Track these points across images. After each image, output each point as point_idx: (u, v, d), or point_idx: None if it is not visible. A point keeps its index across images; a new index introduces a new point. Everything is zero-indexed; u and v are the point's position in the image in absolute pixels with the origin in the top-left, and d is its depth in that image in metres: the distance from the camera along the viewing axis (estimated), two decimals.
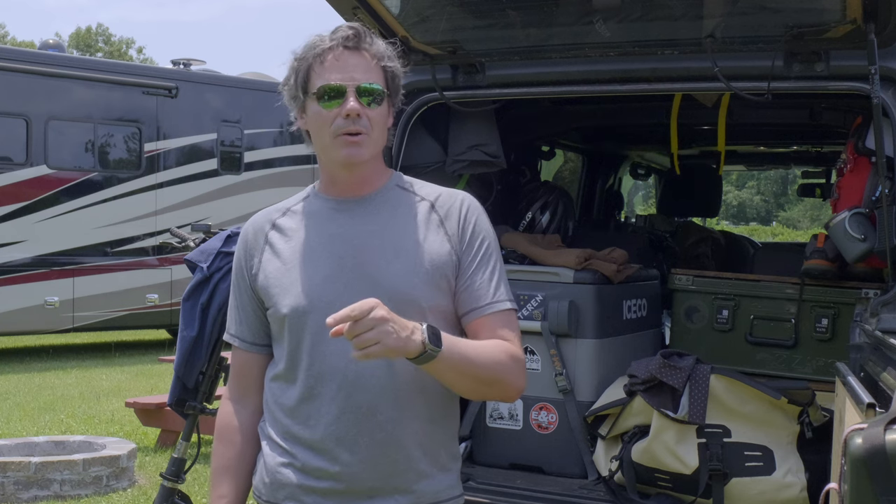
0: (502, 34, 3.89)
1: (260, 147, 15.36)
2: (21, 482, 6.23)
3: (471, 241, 2.26)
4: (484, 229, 2.29)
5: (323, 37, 2.23)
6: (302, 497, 2.22)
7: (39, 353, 13.94)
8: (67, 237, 13.38)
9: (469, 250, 2.25)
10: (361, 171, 2.26)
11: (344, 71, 2.19)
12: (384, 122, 2.25)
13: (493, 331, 2.23)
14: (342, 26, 2.23)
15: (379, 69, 2.22)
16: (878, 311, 3.10)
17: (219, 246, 3.80)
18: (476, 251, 2.26)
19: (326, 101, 2.19)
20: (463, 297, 2.24)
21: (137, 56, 53.79)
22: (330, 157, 2.24)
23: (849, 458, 1.93)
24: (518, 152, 5.19)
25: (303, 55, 2.23)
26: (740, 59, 3.54)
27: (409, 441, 2.20)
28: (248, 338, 2.35)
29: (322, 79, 2.20)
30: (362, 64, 2.20)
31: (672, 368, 3.65)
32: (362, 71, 2.20)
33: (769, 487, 3.53)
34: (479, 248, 2.26)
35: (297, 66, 2.23)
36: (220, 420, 2.38)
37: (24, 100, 12.93)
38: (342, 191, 2.28)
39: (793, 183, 29.95)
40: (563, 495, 3.83)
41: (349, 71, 2.19)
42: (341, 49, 2.20)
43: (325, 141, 2.22)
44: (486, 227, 2.30)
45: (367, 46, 2.22)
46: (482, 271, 2.25)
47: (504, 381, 2.20)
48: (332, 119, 2.19)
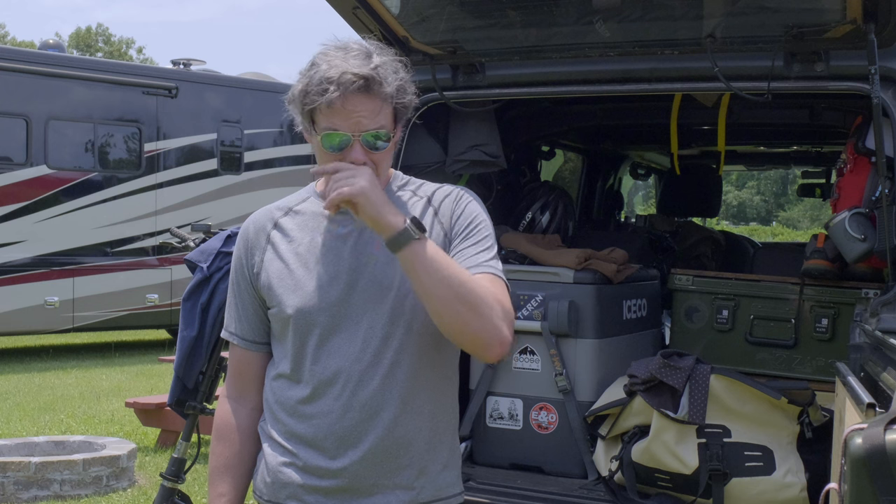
0: (502, 34, 3.89)
1: (260, 147, 15.36)
2: (21, 482, 6.23)
3: (460, 220, 2.25)
4: (475, 212, 2.27)
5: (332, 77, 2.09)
6: (304, 496, 2.23)
7: (39, 353, 13.94)
8: (67, 237, 13.38)
9: (458, 228, 2.24)
10: None
11: (350, 118, 2.12)
12: (390, 153, 2.23)
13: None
14: (348, 72, 2.09)
15: (389, 109, 2.17)
16: (878, 311, 3.10)
17: (219, 246, 3.80)
18: (465, 228, 2.24)
19: (330, 146, 2.14)
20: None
21: (137, 56, 53.78)
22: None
23: (849, 458, 1.93)
24: (518, 152, 5.19)
25: (309, 90, 2.12)
26: (740, 59, 3.54)
27: (411, 439, 2.21)
28: (249, 336, 2.35)
29: (328, 121, 2.13)
30: (370, 107, 2.13)
31: (672, 368, 3.65)
32: (370, 116, 2.13)
33: (769, 487, 3.53)
34: (469, 226, 2.24)
35: (303, 99, 2.14)
36: (218, 419, 2.38)
37: (24, 100, 12.93)
38: None
39: (793, 183, 29.93)
40: (563, 495, 3.83)
41: (355, 117, 2.12)
42: (349, 94, 2.10)
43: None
44: (477, 210, 2.28)
45: (377, 89, 2.12)
46: (470, 242, 2.22)
47: (486, 313, 2.07)
48: (334, 159, 2.15)
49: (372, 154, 2.16)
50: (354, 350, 2.19)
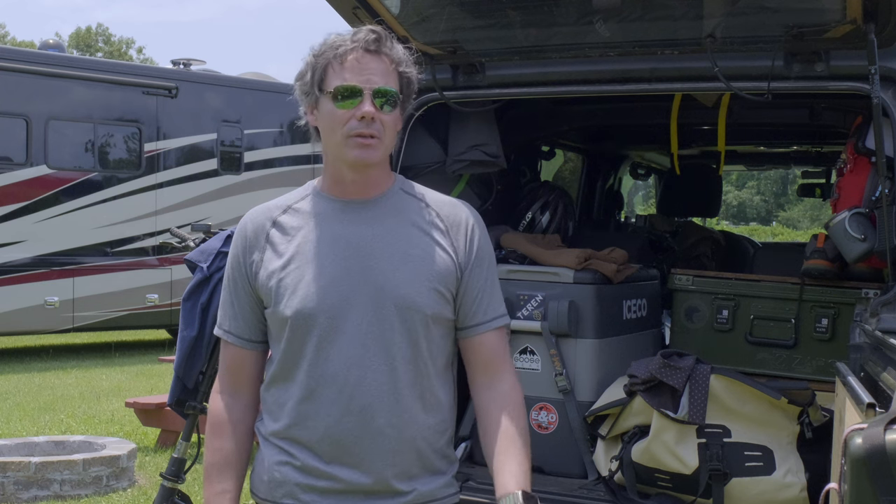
0: (502, 34, 3.88)
1: (260, 147, 15.36)
2: (21, 482, 6.23)
3: (478, 258, 2.30)
4: (487, 245, 2.35)
5: (344, 37, 2.22)
6: (300, 495, 2.23)
7: (39, 353, 13.94)
8: (67, 237, 13.38)
9: (476, 267, 2.30)
10: (369, 174, 2.25)
11: (362, 73, 2.19)
12: (395, 127, 2.26)
13: (492, 346, 2.31)
14: (364, 28, 2.22)
15: (396, 74, 2.23)
16: (878, 311, 3.10)
17: (219, 246, 3.80)
18: (482, 269, 2.31)
19: (342, 101, 2.19)
20: (467, 311, 2.29)
21: (137, 56, 53.78)
22: (339, 156, 2.24)
23: (849, 458, 1.93)
24: (518, 152, 5.19)
25: (321, 52, 2.22)
26: (740, 59, 3.54)
27: (408, 443, 2.22)
28: (245, 334, 2.34)
29: (340, 78, 2.19)
30: (381, 67, 2.21)
31: (672, 368, 3.65)
32: (380, 74, 2.20)
33: (769, 487, 3.53)
34: (483, 266, 2.32)
35: (315, 62, 2.23)
36: (213, 415, 2.36)
37: (24, 100, 12.93)
38: (348, 192, 2.27)
39: (793, 183, 29.92)
40: (563, 495, 3.83)
41: (367, 73, 2.19)
42: (362, 51, 2.20)
43: (336, 140, 2.21)
44: (487, 242, 2.36)
45: (387, 51, 2.22)
46: (487, 287, 2.31)
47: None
48: (345, 120, 2.19)
49: (382, 115, 2.20)
50: (353, 352, 2.18)
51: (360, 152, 2.20)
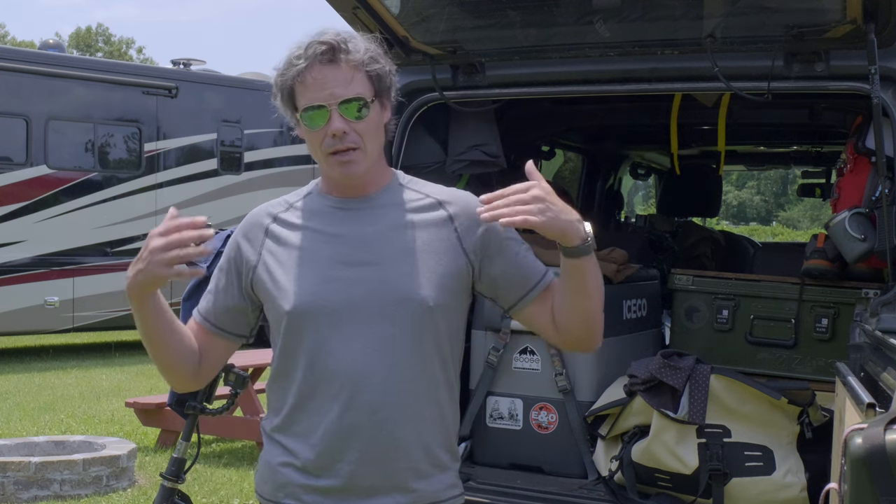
0: (502, 34, 3.88)
1: (260, 147, 15.36)
2: (21, 482, 6.23)
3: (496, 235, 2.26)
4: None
5: (301, 50, 2.16)
6: (302, 496, 2.22)
7: (39, 353, 13.94)
8: (67, 237, 13.38)
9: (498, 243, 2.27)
10: (361, 180, 2.24)
11: (324, 88, 2.14)
12: (376, 129, 2.22)
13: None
14: (314, 41, 2.16)
15: (362, 75, 2.18)
16: (878, 311, 3.10)
17: (219, 246, 3.78)
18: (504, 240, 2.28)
19: (310, 123, 2.17)
20: (513, 283, 2.29)
21: (137, 56, 53.81)
22: (326, 172, 2.24)
23: (849, 458, 1.93)
24: (518, 152, 5.19)
25: (285, 70, 2.18)
26: (740, 59, 3.54)
27: (410, 440, 2.20)
28: (229, 329, 2.32)
29: (305, 99, 2.17)
30: (341, 77, 2.15)
31: (672, 368, 3.65)
32: (342, 84, 2.15)
33: (769, 487, 3.53)
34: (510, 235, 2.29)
35: (282, 82, 2.20)
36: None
37: (24, 100, 12.93)
38: (345, 193, 2.27)
39: (793, 183, 29.94)
40: (563, 495, 3.83)
41: (329, 87, 2.14)
42: (318, 66, 2.15)
43: (319, 157, 2.22)
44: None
45: (344, 56, 2.16)
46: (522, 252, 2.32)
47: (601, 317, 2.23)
48: (321, 139, 2.17)
49: (355, 124, 2.16)
50: (353, 350, 2.17)
51: (343, 169, 2.19)
